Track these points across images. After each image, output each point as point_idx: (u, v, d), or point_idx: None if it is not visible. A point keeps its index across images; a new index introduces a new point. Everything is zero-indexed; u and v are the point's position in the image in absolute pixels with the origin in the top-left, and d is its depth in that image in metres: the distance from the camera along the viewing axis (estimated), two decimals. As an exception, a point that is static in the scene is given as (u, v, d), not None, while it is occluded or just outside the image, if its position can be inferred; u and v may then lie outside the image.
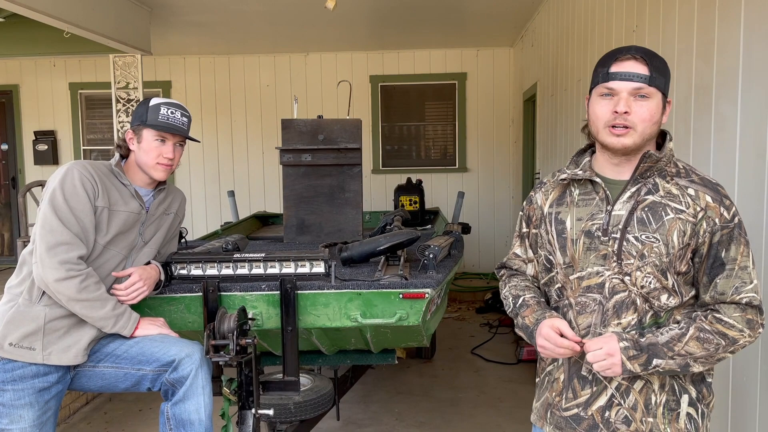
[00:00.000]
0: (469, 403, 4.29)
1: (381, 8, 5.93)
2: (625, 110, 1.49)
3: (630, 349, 1.48)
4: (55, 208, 2.07)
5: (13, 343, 2.06)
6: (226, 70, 8.11)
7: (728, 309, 1.50)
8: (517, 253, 1.82)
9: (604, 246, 1.56)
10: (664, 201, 1.53)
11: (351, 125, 3.88)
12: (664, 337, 1.49)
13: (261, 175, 8.17)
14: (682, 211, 1.51)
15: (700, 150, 2.52)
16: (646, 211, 1.53)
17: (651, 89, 1.50)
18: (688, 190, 1.53)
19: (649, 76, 1.49)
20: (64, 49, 6.02)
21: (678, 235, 1.51)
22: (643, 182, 1.56)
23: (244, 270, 2.49)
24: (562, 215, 1.64)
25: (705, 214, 1.51)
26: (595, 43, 4.07)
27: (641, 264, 1.52)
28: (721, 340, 1.48)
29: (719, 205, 1.51)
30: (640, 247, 1.52)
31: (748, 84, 2.16)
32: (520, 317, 1.69)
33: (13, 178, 8.24)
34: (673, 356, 1.48)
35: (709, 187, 1.53)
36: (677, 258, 1.52)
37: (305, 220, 3.90)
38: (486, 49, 7.95)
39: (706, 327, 1.49)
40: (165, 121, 2.25)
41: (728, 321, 1.48)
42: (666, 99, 1.54)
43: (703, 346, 1.48)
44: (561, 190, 1.68)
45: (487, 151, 8.05)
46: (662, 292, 1.53)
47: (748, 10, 2.17)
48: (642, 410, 1.56)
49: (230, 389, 2.40)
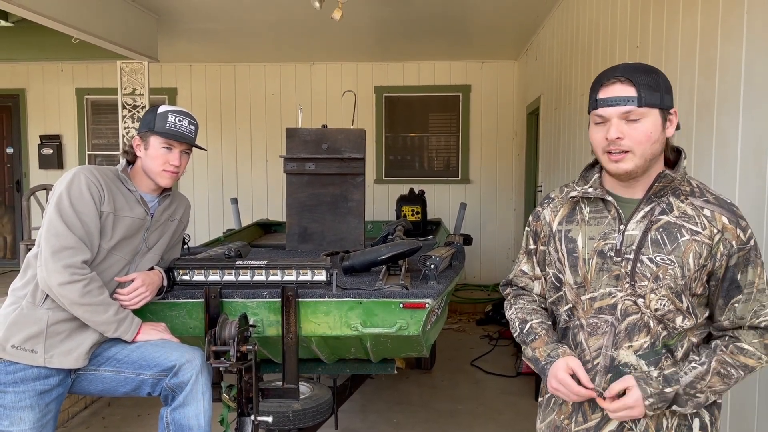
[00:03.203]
0: (468, 415, 4.29)
1: (387, 20, 5.97)
2: (616, 137, 1.46)
3: (655, 405, 1.46)
4: (61, 213, 2.08)
5: (16, 346, 2.07)
6: (231, 78, 8.16)
7: (747, 335, 1.47)
8: (524, 270, 1.77)
9: (617, 267, 1.51)
10: (679, 222, 1.49)
11: (355, 135, 3.90)
12: (687, 378, 1.46)
13: (264, 183, 8.19)
14: (698, 232, 1.47)
15: (701, 166, 2.53)
16: (660, 231, 1.49)
17: (642, 110, 1.44)
18: (704, 211, 1.48)
19: (637, 98, 1.44)
20: (72, 55, 6.05)
21: (694, 257, 1.46)
22: (657, 201, 1.51)
23: (246, 277, 2.50)
24: (572, 233, 1.60)
25: (722, 237, 1.46)
26: (599, 57, 4.09)
27: (655, 286, 1.48)
28: (742, 372, 1.46)
29: (736, 227, 1.47)
30: (655, 269, 1.48)
31: (750, 101, 2.18)
32: (530, 348, 1.65)
33: (18, 181, 8.27)
34: (696, 394, 1.46)
35: (725, 207, 1.49)
36: (693, 280, 1.48)
37: (308, 229, 3.92)
38: (490, 62, 7.99)
39: (727, 360, 1.46)
40: (172, 128, 2.27)
41: (749, 349, 1.46)
42: (668, 111, 1.47)
43: (724, 380, 1.46)
44: (570, 207, 1.64)
45: (489, 163, 8.08)
46: (677, 315, 1.49)
47: (750, 28, 2.19)
48: None
49: (230, 395, 2.41)
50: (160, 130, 2.26)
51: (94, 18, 4.81)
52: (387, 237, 3.87)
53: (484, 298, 7.36)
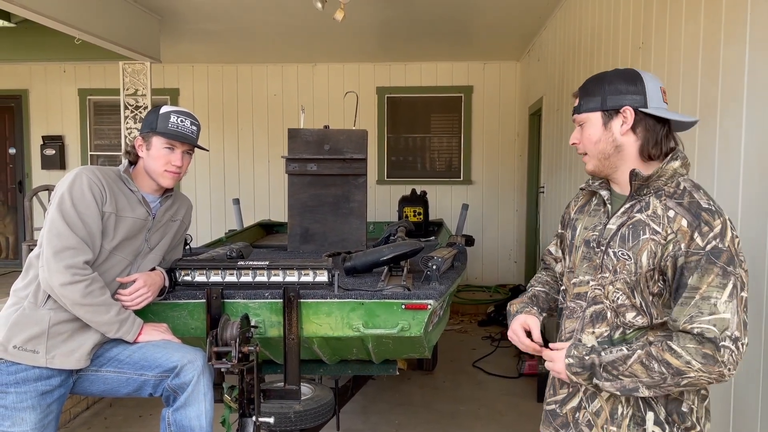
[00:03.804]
0: (470, 416, 4.28)
1: (389, 20, 5.97)
2: (571, 142, 1.69)
3: (574, 366, 1.56)
4: (63, 213, 2.08)
5: (17, 346, 2.07)
6: (234, 78, 8.17)
7: (683, 338, 1.44)
8: (551, 251, 1.95)
9: (595, 257, 1.63)
10: (646, 221, 1.53)
11: (357, 136, 3.90)
12: (610, 357, 1.51)
13: (266, 184, 8.20)
14: (658, 232, 1.51)
15: (704, 167, 2.53)
16: (630, 228, 1.56)
17: (581, 116, 1.64)
18: (669, 212, 1.51)
19: (578, 107, 1.65)
20: (75, 56, 6.07)
21: (648, 255, 1.51)
22: (638, 200, 1.58)
23: (248, 277, 2.50)
24: (577, 222, 1.75)
25: (675, 238, 1.48)
26: (602, 59, 4.09)
27: (614, 279, 1.57)
28: (664, 369, 1.44)
29: (693, 231, 1.46)
30: (615, 263, 1.57)
31: (753, 103, 2.17)
32: (513, 302, 1.86)
33: (20, 182, 8.29)
34: (619, 376, 1.49)
35: (692, 212, 1.48)
36: (646, 278, 1.52)
37: (309, 229, 3.91)
38: (492, 63, 7.98)
39: (653, 353, 1.45)
40: (174, 129, 2.27)
41: (677, 350, 1.43)
42: (615, 111, 1.57)
43: (648, 372, 1.46)
44: (587, 199, 1.78)
45: (491, 163, 8.07)
46: (629, 310, 1.56)
47: (753, 30, 2.18)
48: (606, 418, 1.61)
49: (231, 396, 2.40)
50: (162, 130, 2.26)
51: (96, 19, 4.82)
52: (389, 238, 3.86)
53: (486, 299, 7.36)
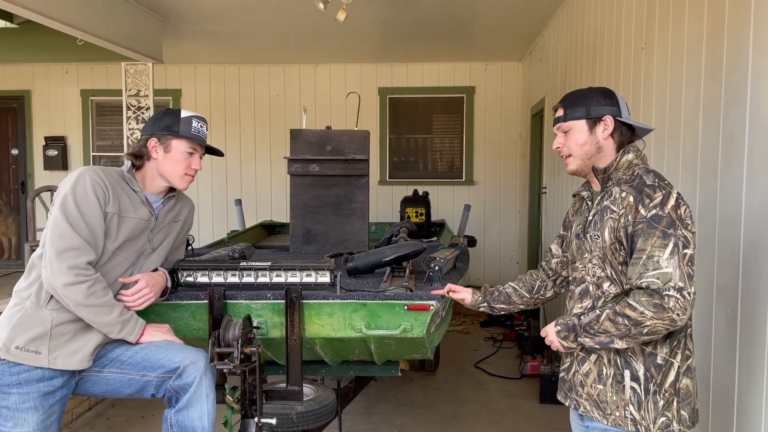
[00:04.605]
0: (472, 417, 4.28)
1: (391, 21, 5.97)
2: (555, 147, 2.01)
3: (561, 331, 1.88)
4: (66, 213, 2.08)
5: (20, 347, 2.07)
6: (236, 79, 8.17)
7: (637, 293, 1.72)
8: (551, 249, 2.25)
9: (583, 244, 1.94)
10: (610, 205, 1.84)
11: (359, 136, 3.90)
12: (586, 319, 1.82)
13: (268, 184, 8.20)
14: (615, 211, 1.82)
15: (708, 168, 2.52)
16: (598, 214, 1.88)
17: (566, 124, 1.96)
18: (622, 194, 1.81)
19: (563, 116, 1.96)
20: (77, 56, 6.08)
21: (609, 231, 1.83)
22: (606, 191, 1.90)
23: (250, 278, 2.50)
24: (571, 223, 2.09)
25: (624, 213, 1.79)
26: (604, 59, 4.08)
27: (591, 257, 1.90)
28: (627, 321, 1.72)
29: (638, 204, 1.76)
30: (590, 243, 1.89)
31: (757, 103, 2.16)
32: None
33: (23, 182, 8.30)
34: (596, 333, 1.79)
35: (637, 189, 1.79)
36: (612, 251, 1.83)
37: (311, 230, 3.91)
38: (494, 64, 7.98)
39: (616, 309, 1.75)
40: (197, 134, 2.34)
41: (632, 304, 1.71)
42: (598, 119, 1.91)
43: (615, 326, 1.75)
44: (581, 203, 2.07)
45: (494, 164, 8.07)
46: (604, 280, 1.87)
47: (756, 30, 2.18)
48: (594, 377, 1.89)
49: (233, 397, 2.40)
50: (186, 134, 2.30)
51: (98, 20, 4.83)
52: (391, 238, 3.86)
53: (488, 300, 7.33)
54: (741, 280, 2.21)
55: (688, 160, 2.70)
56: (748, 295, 2.16)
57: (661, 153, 3.02)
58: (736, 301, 2.24)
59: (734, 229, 2.27)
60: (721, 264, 2.38)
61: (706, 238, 2.49)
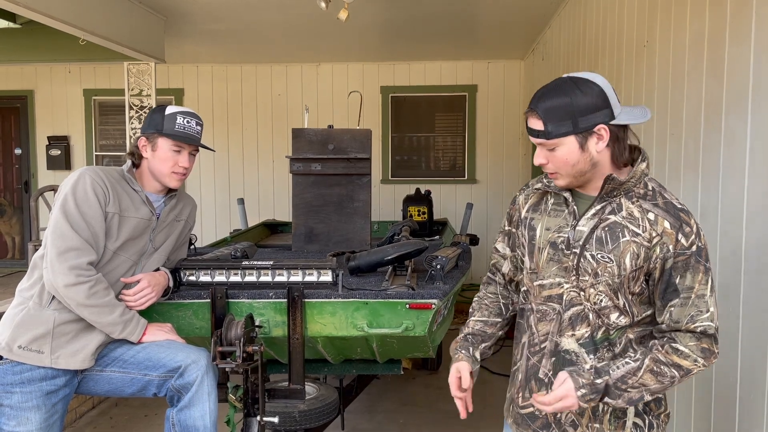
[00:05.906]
0: (474, 416, 4.26)
1: (393, 20, 5.97)
2: (538, 163, 1.59)
3: (587, 395, 1.52)
4: (67, 214, 2.09)
5: (22, 346, 2.08)
6: (238, 78, 8.18)
7: (684, 337, 1.51)
8: (498, 248, 1.90)
9: (566, 259, 1.60)
10: (624, 222, 1.55)
11: (361, 135, 3.90)
12: (619, 372, 1.51)
13: (270, 184, 8.20)
14: (639, 234, 1.53)
15: (709, 166, 2.52)
16: (605, 230, 1.56)
17: (551, 142, 1.53)
18: (649, 215, 1.53)
19: (544, 131, 1.52)
20: (80, 56, 6.09)
21: (631, 257, 1.53)
22: (609, 201, 1.58)
23: (253, 277, 2.51)
24: (534, 222, 1.70)
25: (660, 240, 1.51)
26: (606, 57, 4.08)
27: (595, 282, 1.57)
28: (675, 372, 1.50)
29: (677, 231, 1.51)
30: (595, 266, 1.56)
31: (759, 101, 2.16)
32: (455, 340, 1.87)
33: (26, 182, 8.32)
34: (627, 389, 1.51)
35: (671, 212, 1.53)
36: (630, 280, 1.54)
37: (314, 229, 3.92)
38: (497, 62, 7.97)
39: (661, 359, 1.51)
40: (182, 131, 2.26)
41: (683, 351, 1.50)
42: (589, 132, 1.50)
43: (658, 378, 1.51)
44: (539, 198, 1.74)
45: (496, 163, 8.06)
46: (613, 311, 1.57)
47: (758, 28, 2.17)
48: (589, 416, 1.62)
49: (236, 396, 2.41)
50: (169, 132, 2.25)
51: (101, 19, 4.83)
52: (393, 237, 3.86)
53: (490, 299, 7.33)
54: (743, 278, 2.21)
55: (690, 159, 2.69)
56: (750, 294, 2.16)
57: (663, 151, 3.01)
58: (738, 299, 2.23)
59: (736, 228, 2.26)
60: (723, 263, 2.37)
61: (707, 237, 2.48)
